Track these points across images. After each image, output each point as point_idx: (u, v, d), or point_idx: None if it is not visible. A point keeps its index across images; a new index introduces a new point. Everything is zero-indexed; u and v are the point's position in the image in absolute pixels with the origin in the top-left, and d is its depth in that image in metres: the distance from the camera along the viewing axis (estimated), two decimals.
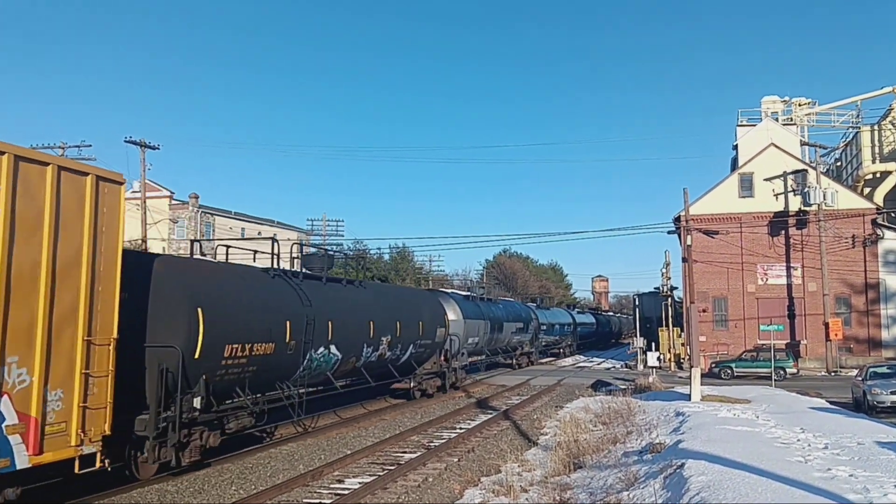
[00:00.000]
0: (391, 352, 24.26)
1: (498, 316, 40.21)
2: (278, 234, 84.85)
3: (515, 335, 44.46)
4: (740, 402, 23.80)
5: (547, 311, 60.05)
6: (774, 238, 46.40)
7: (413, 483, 14.50)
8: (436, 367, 29.39)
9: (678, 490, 10.42)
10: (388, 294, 26.98)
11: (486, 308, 38.71)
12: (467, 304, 35.49)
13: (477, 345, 36.13)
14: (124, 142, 43.48)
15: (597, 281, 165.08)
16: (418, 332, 26.44)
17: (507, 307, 44.42)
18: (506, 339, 42.35)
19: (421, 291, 34.96)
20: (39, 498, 11.08)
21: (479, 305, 37.67)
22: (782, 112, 59.16)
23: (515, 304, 49.33)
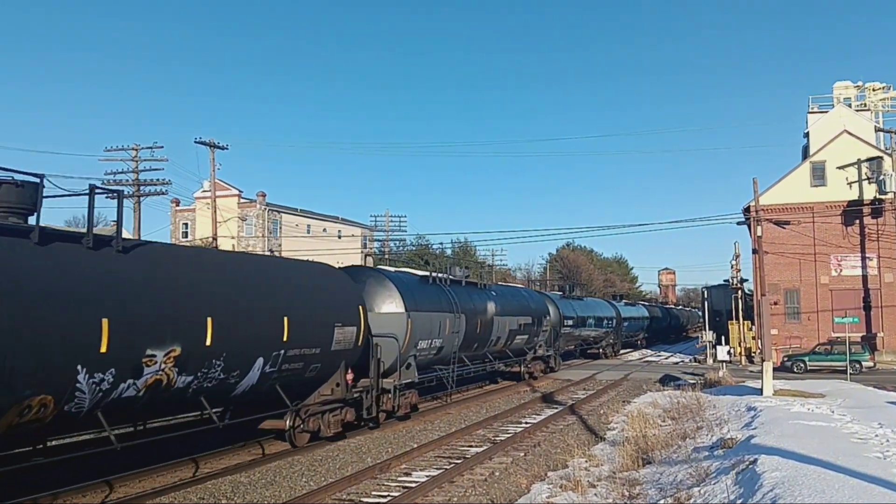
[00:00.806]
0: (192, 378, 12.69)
1: (479, 307, 27.04)
2: (343, 231, 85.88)
3: (520, 334, 31.60)
4: (814, 396, 23.21)
5: (576, 303, 46.35)
6: (848, 228, 44.96)
7: (479, 477, 14.55)
8: (337, 394, 17.66)
9: (751, 486, 10.23)
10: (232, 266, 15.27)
11: (461, 296, 25.53)
12: (420, 288, 23.19)
13: (439, 351, 23.79)
14: (195, 142, 44.57)
15: (663, 274, 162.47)
16: (280, 337, 14.85)
17: (505, 295, 31.41)
18: (502, 339, 29.68)
19: (310, 266, 18.77)
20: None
21: (445, 292, 24.61)
22: (855, 97, 57.32)
23: (521, 291, 36.69)
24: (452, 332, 23.98)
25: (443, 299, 23.98)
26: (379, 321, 19.98)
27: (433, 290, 23.88)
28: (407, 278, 23.27)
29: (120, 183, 48.54)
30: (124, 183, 48.50)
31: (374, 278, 21.27)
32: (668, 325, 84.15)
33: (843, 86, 57.30)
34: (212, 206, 45.65)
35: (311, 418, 16.78)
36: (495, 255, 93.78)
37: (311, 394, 17.13)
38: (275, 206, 79.15)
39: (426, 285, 23.84)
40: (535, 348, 34.72)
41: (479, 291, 27.97)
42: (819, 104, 51.98)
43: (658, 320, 77.36)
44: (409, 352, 21.13)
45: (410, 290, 21.97)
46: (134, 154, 48.63)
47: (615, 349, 56.26)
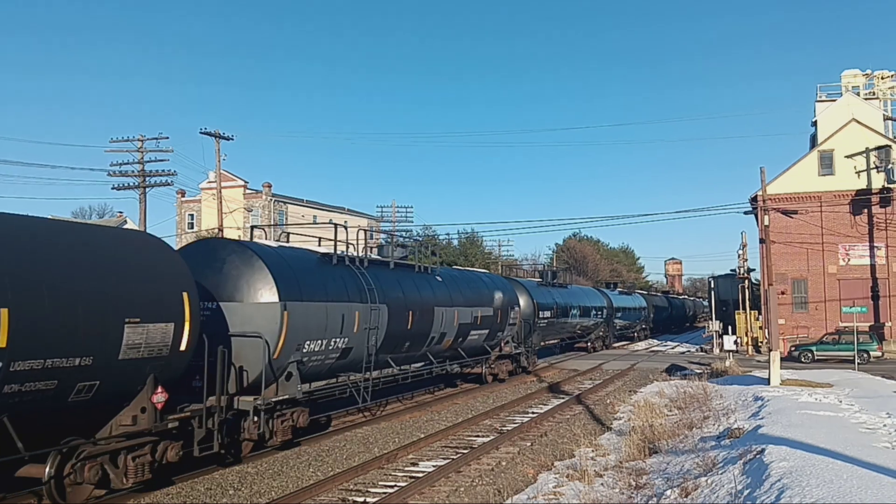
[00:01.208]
0: None
1: (413, 296, 21.04)
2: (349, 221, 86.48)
3: (476, 329, 25.45)
4: (822, 386, 23.16)
5: (557, 291, 40.72)
6: (856, 217, 44.71)
7: (486, 467, 14.56)
8: (142, 423, 12.01)
9: (758, 476, 10.19)
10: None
11: (384, 281, 19.60)
12: (314, 270, 17.07)
13: (344, 353, 17.60)
14: (200, 133, 44.56)
15: (670, 264, 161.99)
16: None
17: (456, 281, 24.91)
18: (448, 335, 23.37)
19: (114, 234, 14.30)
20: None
21: (356, 276, 18.43)
22: (864, 86, 56.94)
23: (481, 277, 28.34)
24: (365, 327, 17.87)
25: (351, 286, 17.85)
26: (241, 315, 14.65)
27: (337, 273, 17.72)
28: (295, 255, 16.95)
29: (125, 174, 48.59)
30: (130, 174, 48.54)
31: (237, 255, 15.20)
32: (670, 316, 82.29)
33: (852, 74, 56.94)
34: (217, 196, 45.66)
35: (90, 463, 11.06)
36: (502, 246, 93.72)
37: (103, 424, 11.77)
38: (281, 196, 79.23)
39: (326, 267, 17.61)
40: (500, 345, 28.54)
41: (415, 276, 21.99)
42: (827, 93, 51.63)
43: (662, 310, 76.72)
44: (287, 357, 15.20)
45: (293, 274, 15.87)
46: (139, 145, 48.60)
47: (606, 342, 51.31)
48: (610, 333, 52.60)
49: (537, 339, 34.47)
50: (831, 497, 8.34)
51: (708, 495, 10.39)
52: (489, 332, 26.68)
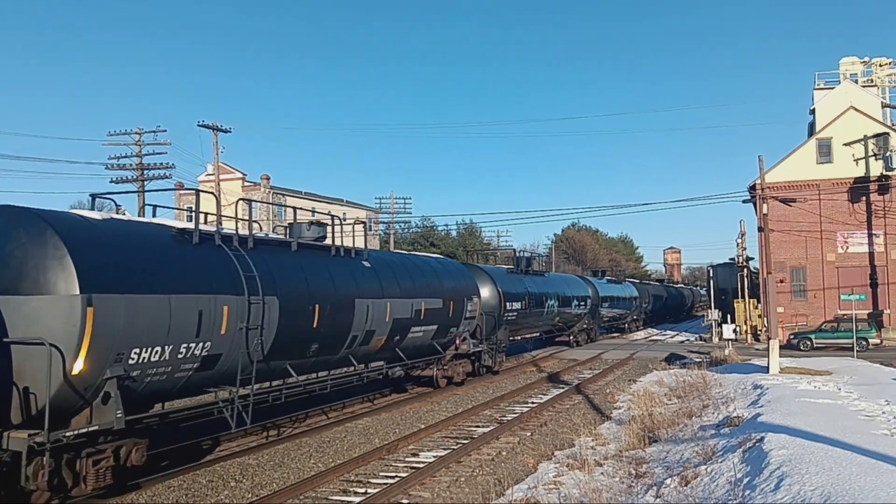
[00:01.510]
0: None
1: (325, 286, 16.65)
2: (347, 213, 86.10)
3: (420, 325, 21.17)
4: (821, 374, 23.21)
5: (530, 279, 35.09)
6: (855, 205, 44.71)
7: (487, 457, 14.61)
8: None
9: (758, 464, 10.23)
10: None
11: (277, 266, 15.27)
12: (156, 252, 12.51)
13: (207, 363, 13.01)
14: (197, 126, 44.43)
15: (669, 253, 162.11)
16: None
17: (392, 267, 20.59)
18: (379, 333, 18.97)
19: None
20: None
21: (230, 260, 13.93)
22: (862, 73, 56.73)
23: (429, 263, 23.97)
24: (240, 327, 13.30)
25: (218, 272, 13.33)
26: (23, 314, 10.43)
27: (199, 255, 13.24)
28: (132, 231, 12.45)
29: (124, 167, 48.52)
30: (128, 167, 48.48)
31: (24, 230, 10.78)
32: (664, 305, 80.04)
33: (850, 62, 56.74)
34: (216, 189, 45.56)
35: None
36: (501, 236, 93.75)
37: None
38: (279, 189, 79.08)
39: (183, 247, 13.07)
40: (456, 342, 24.16)
41: (331, 261, 17.38)
42: (825, 80, 51.50)
43: (659, 300, 76.21)
44: (99, 372, 10.77)
45: (117, 255, 11.47)
46: (137, 138, 48.52)
47: (591, 335, 46.84)
48: (595, 325, 47.76)
49: (504, 335, 29.59)
50: (831, 484, 8.37)
51: (708, 484, 10.43)
52: (438, 327, 22.38)
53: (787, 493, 8.45)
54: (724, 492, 9.75)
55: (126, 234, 12.18)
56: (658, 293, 77.03)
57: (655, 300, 73.30)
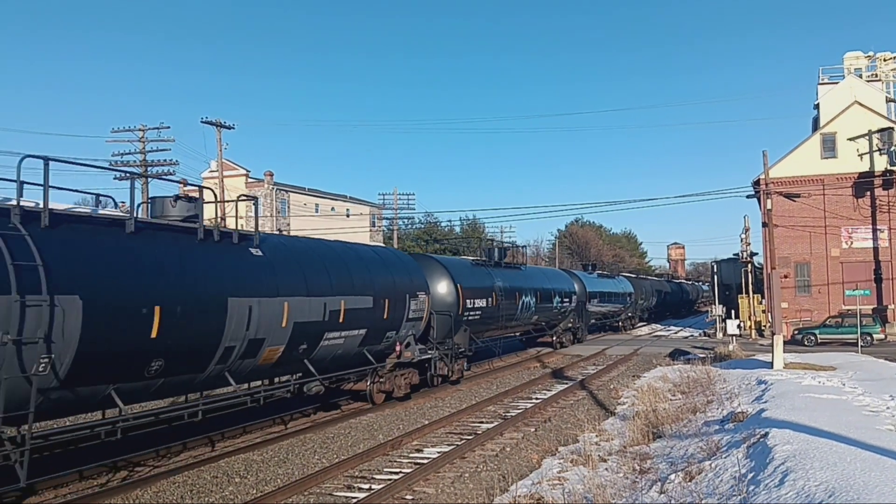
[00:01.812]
0: None
1: (140, 284, 11.63)
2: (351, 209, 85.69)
3: (337, 330, 17.01)
4: (825, 369, 23.17)
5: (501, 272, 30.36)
6: (859, 200, 44.62)
7: (491, 452, 14.62)
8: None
9: (762, 459, 10.23)
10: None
11: (31, 248, 10.02)
12: None
13: None
14: (201, 122, 44.43)
15: (672, 248, 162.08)
16: None
17: (292, 255, 16.31)
18: (260, 346, 14.41)
19: None
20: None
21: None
22: (866, 68, 56.66)
23: (359, 252, 19.82)
24: (5, 341, 9.43)
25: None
26: None
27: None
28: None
29: (127, 164, 48.58)
30: (131, 164, 48.53)
31: None
32: (662, 301, 76.73)
33: (854, 56, 56.64)
34: (219, 186, 45.58)
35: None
36: (504, 232, 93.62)
37: None
38: (282, 185, 79.08)
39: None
40: (396, 350, 20.16)
41: (199, 248, 13.39)
42: (829, 75, 51.38)
43: (660, 296, 75.19)
44: None
45: None
46: (141, 135, 48.58)
47: (577, 335, 41.94)
48: (582, 324, 42.72)
49: (464, 338, 24.93)
50: (835, 480, 8.36)
51: (712, 479, 10.42)
52: (368, 332, 18.19)
53: (792, 488, 8.44)
54: (729, 487, 9.74)
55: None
56: (659, 288, 76.56)
57: (655, 296, 71.81)
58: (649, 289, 69.81)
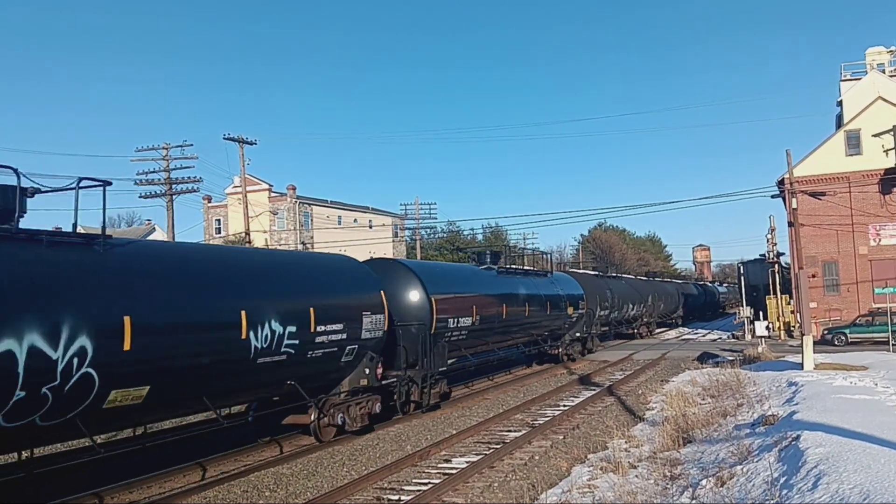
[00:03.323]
0: None
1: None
2: (373, 220, 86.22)
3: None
4: (856, 369, 22.87)
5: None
6: (886, 196, 44.05)
7: (519, 461, 14.56)
8: None
9: (794, 463, 10.11)
10: None
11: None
12: None
13: None
14: (223, 139, 44.85)
15: (698, 250, 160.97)
16: None
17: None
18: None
19: None
20: None
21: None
22: (889, 63, 55.93)
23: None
24: None
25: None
26: None
27: None
28: None
29: (152, 182, 49.18)
30: (156, 182, 49.12)
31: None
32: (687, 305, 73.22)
33: (876, 51, 55.96)
34: (243, 201, 45.97)
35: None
36: (527, 239, 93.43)
37: None
38: (305, 198, 79.59)
39: None
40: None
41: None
42: (852, 71, 50.93)
43: (692, 298, 74.48)
44: None
45: None
46: (164, 153, 49.16)
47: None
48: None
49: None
50: (870, 482, 8.25)
51: (744, 484, 10.32)
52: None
53: (826, 492, 8.34)
54: (761, 492, 9.64)
55: None
56: (685, 291, 75.51)
57: (679, 299, 68.82)
58: (672, 292, 66.92)
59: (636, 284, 54.24)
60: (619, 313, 45.85)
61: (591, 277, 42.49)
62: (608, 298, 42.20)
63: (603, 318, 41.65)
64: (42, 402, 9.58)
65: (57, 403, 9.78)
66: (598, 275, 45.96)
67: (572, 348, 34.99)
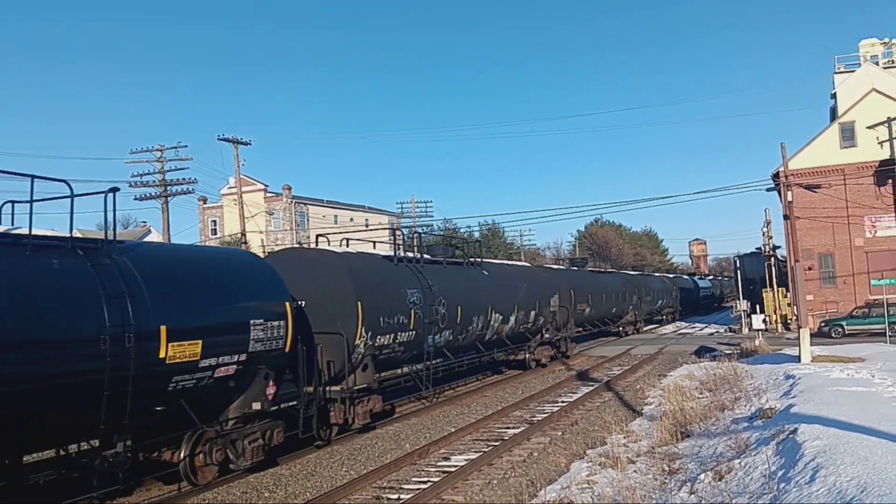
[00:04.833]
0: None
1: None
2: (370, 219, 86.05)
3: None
4: (853, 361, 22.92)
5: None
6: (881, 188, 44.09)
7: (518, 458, 14.58)
8: None
9: (792, 456, 10.14)
10: None
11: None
12: None
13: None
14: (218, 140, 44.85)
15: (694, 245, 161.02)
16: None
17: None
18: None
19: None
20: None
21: None
22: (882, 55, 55.97)
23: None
24: None
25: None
26: None
27: None
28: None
29: (147, 184, 49.10)
30: (151, 184, 49.05)
31: None
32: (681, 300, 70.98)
33: (870, 43, 56.02)
34: (238, 202, 45.95)
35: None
36: (523, 236, 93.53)
37: None
38: (301, 198, 79.60)
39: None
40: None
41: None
42: (845, 63, 50.92)
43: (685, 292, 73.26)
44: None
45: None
46: (159, 155, 49.09)
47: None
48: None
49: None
50: (867, 474, 8.27)
51: (742, 477, 10.35)
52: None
53: (823, 484, 8.37)
54: (759, 485, 9.67)
55: None
56: (682, 285, 75.01)
57: (673, 293, 65.91)
58: (661, 286, 62.27)
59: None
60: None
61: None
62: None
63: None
64: None
65: None
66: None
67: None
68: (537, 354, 28.83)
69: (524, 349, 27.92)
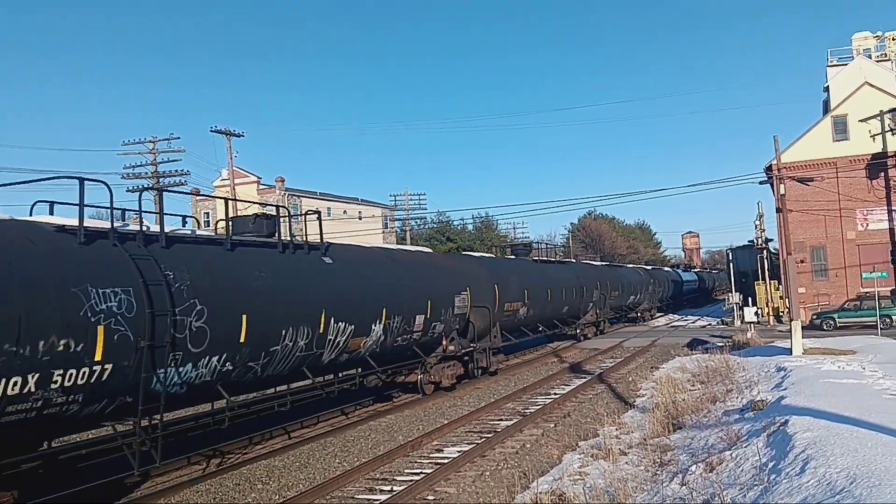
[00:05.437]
0: None
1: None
2: (363, 212, 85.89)
3: None
4: (845, 353, 23.01)
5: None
6: (873, 181, 44.21)
7: (511, 450, 14.63)
8: None
9: (783, 448, 10.18)
10: None
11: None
12: None
13: None
14: (210, 131, 44.69)
15: (687, 237, 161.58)
16: None
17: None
18: None
19: None
20: None
21: None
22: (875, 48, 56.03)
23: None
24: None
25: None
26: None
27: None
28: None
29: (139, 176, 48.92)
30: (143, 176, 48.88)
31: None
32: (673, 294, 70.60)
33: (863, 37, 56.06)
34: (231, 194, 45.80)
35: None
36: (517, 228, 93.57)
37: None
38: (294, 190, 79.31)
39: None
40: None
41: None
42: (838, 57, 50.96)
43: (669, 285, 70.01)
44: None
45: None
46: (151, 147, 48.96)
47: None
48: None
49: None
50: (856, 466, 8.31)
51: (733, 469, 10.39)
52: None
53: (813, 476, 8.41)
54: (750, 477, 9.71)
55: None
56: (672, 278, 74.55)
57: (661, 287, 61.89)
58: (635, 280, 55.27)
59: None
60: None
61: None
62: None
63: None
64: None
65: None
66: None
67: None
68: (435, 375, 21.54)
69: (417, 368, 20.99)
